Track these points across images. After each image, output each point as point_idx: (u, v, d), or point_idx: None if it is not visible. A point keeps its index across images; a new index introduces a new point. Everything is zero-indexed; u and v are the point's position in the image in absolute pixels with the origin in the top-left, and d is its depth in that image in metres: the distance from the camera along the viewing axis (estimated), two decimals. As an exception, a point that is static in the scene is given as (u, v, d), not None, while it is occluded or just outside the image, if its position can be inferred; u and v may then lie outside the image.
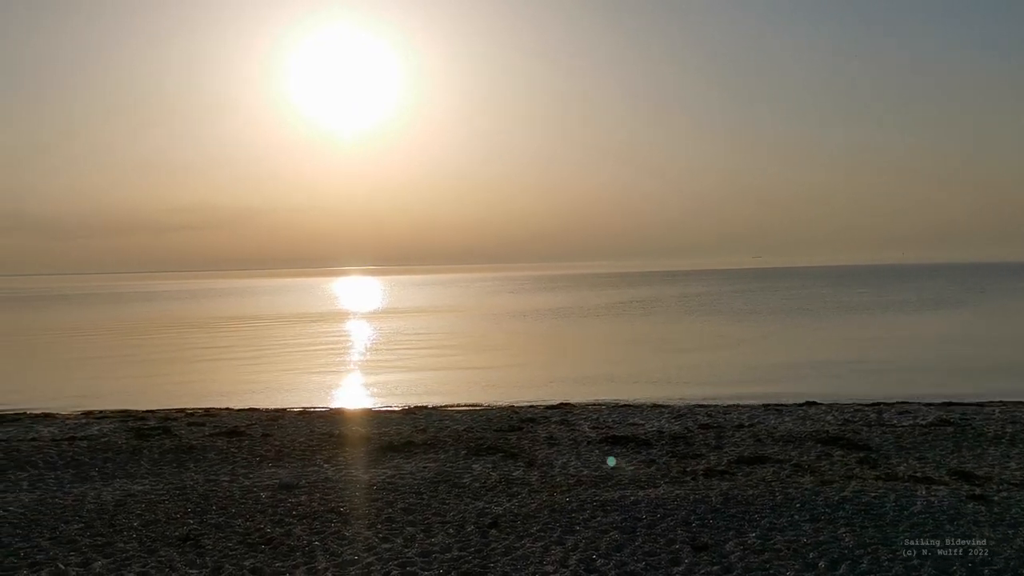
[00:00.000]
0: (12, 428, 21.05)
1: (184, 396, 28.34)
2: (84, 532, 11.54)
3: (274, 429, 19.93)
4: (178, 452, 17.15)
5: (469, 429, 19.19)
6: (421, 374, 33.64)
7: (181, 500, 13.19)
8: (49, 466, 16.08)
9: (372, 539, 10.95)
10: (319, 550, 10.55)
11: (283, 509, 12.50)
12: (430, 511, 12.20)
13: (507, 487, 13.56)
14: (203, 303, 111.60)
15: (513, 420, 20.41)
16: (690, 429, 18.59)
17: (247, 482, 14.38)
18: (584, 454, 16.09)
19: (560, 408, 22.74)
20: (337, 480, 14.35)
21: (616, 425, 19.41)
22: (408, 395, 27.61)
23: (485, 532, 11.11)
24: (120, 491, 13.93)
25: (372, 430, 19.38)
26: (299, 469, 15.41)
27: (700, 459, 15.43)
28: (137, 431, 19.84)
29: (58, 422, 22.14)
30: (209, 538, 11.15)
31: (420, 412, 22.74)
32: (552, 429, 18.96)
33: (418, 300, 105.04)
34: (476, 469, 14.93)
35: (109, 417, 22.97)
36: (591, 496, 12.75)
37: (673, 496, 12.60)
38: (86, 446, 17.97)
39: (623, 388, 28.03)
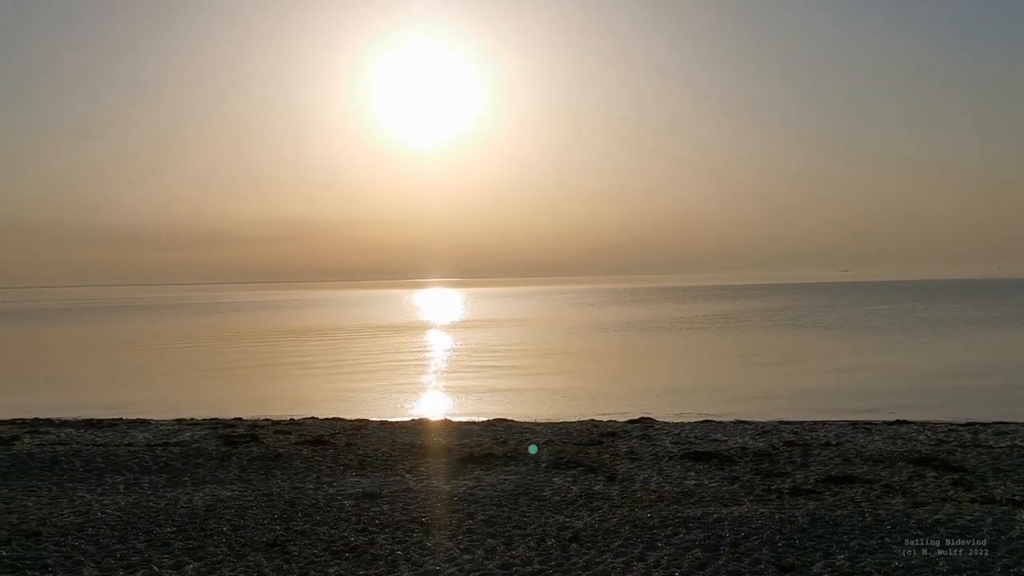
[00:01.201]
0: (109, 433, 21.88)
1: (270, 405, 29.04)
2: (177, 535, 11.91)
3: (357, 438, 20.25)
4: (265, 459, 17.56)
5: (549, 442, 19.16)
6: (501, 386, 33.77)
7: (268, 506, 13.50)
8: (144, 470, 16.65)
9: (453, 550, 11.02)
10: (401, 559, 10.66)
11: (366, 518, 12.68)
12: (511, 523, 12.22)
13: (588, 501, 13.49)
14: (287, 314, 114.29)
15: (593, 434, 20.31)
16: (775, 446, 18.20)
17: (331, 490, 14.63)
18: (666, 469, 15.91)
19: (641, 422, 22.54)
20: (419, 490, 14.50)
21: (698, 441, 19.14)
22: (488, 407, 27.75)
23: (566, 546, 11.07)
24: (210, 496, 14.33)
25: (453, 441, 19.52)
26: (381, 478, 15.61)
27: (785, 477, 15.09)
28: (226, 438, 20.39)
29: (152, 428, 22.92)
30: (295, 544, 11.38)
31: (500, 424, 22.81)
32: (633, 443, 18.81)
33: (498, 312, 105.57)
34: (556, 482, 14.90)
35: (200, 424, 23.68)
36: (673, 512, 12.60)
37: (757, 515, 12.35)
38: (178, 452, 18.55)
39: (705, 403, 27.65)
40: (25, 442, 20.43)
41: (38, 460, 17.73)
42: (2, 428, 23.11)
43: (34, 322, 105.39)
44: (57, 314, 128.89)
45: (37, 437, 21.25)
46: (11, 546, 11.45)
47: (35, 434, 21.79)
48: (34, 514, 13.27)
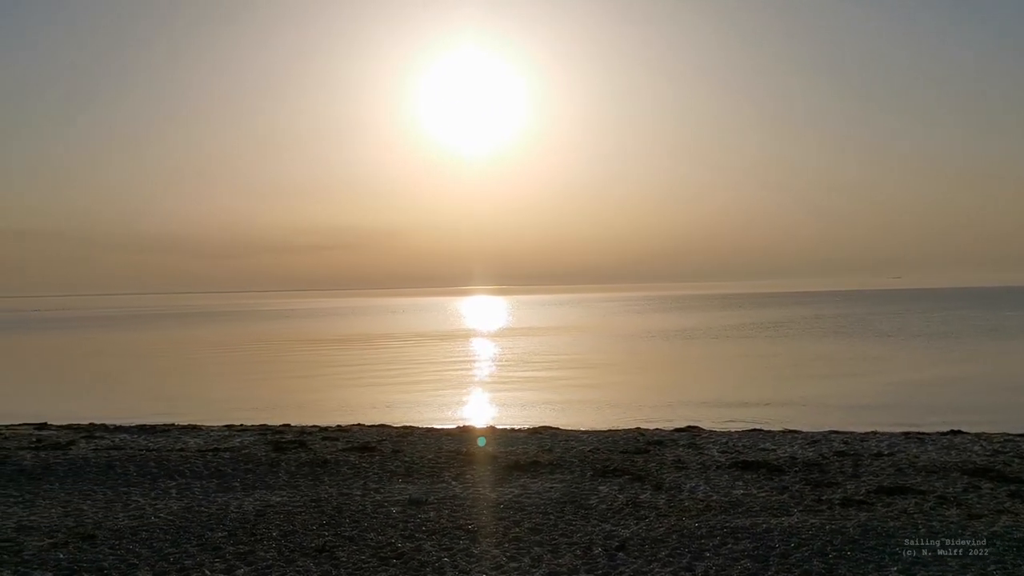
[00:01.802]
0: (162, 439, 22.29)
1: (318, 411, 29.35)
2: (228, 540, 12.09)
3: (403, 445, 20.37)
4: (313, 465, 17.75)
5: (595, 450, 19.10)
6: (546, 394, 33.75)
7: (316, 512, 13.65)
8: (195, 475, 16.92)
9: (500, 557, 11.03)
10: (448, 566, 10.70)
11: (413, 524, 12.75)
12: (557, 531, 12.20)
13: (634, 510, 13.42)
14: (334, 321, 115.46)
15: (640, 442, 20.19)
16: (825, 456, 17.93)
17: (378, 496, 14.74)
18: (713, 479, 15.76)
19: (688, 431, 22.35)
20: (465, 497, 14.54)
21: (746, 450, 18.93)
22: (533, 415, 27.74)
23: (612, 555, 11.02)
24: (260, 501, 14.53)
25: (498, 449, 19.55)
26: (428, 485, 15.69)
27: (836, 488, 14.86)
28: (275, 444, 20.65)
29: (203, 433, 23.29)
30: (343, 550, 11.48)
31: (546, 432, 22.78)
32: (680, 452, 18.67)
33: (543, 319, 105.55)
34: (602, 491, 14.84)
35: (249, 430, 24.00)
36: (721, 522, 12.48)
37: (807, 525, 12.18)
38: (228, 457, 18.82)
39: (754, 412, 27.35)
40: (81, 447, 20.90)
41: (93, 465, 18.12)
42: (59, 433, 23.66)
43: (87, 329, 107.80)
44: (109, 321, 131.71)
45: (92, 442, 21.72)
46: (68, 549, 11.72)
47: (90, 439, 22.28)
48: (90, 517, 13.57)
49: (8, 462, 18.48)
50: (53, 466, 18.03)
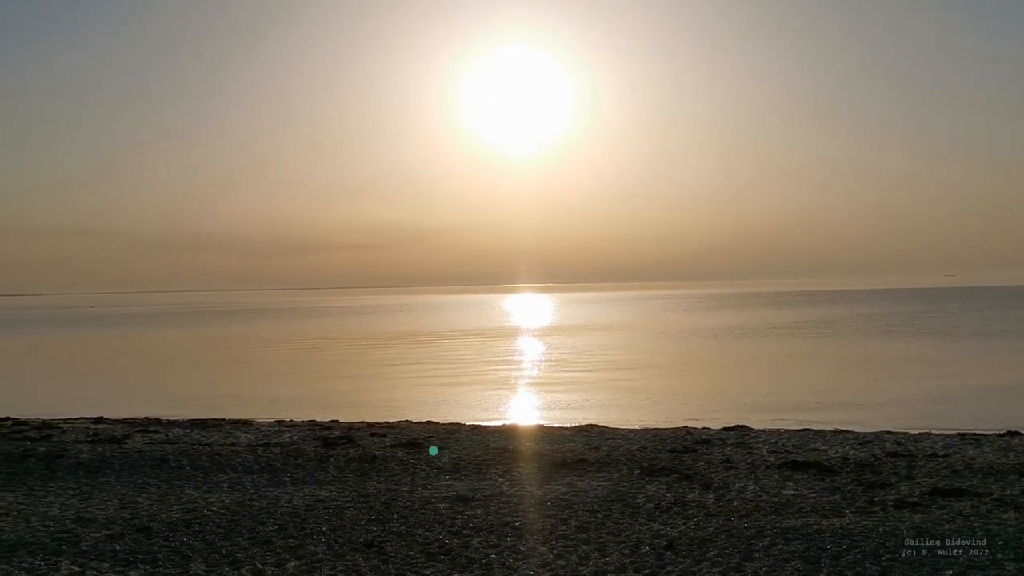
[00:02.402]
0: (214, 433, 22.66)
1: (366, 407, 29.60)
2: (278, 534, 12.26)
3: (450, 442, 20.46)
4: (361, 461, 17.91)
5: (642, 449, 19.00)
6: (593, 392, 33.66)
7: (365, 507, 13.77)
8: (246, 470, 17.18)
9: (547, 555, 11.03)
10: (496, 563, 10.73)
11: (460, 521, 12.80)
12: (604, 530, 12.17)
13: (682, 509, 13.33)
14: (381, 318, 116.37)
15: (688, 441, 20.05)
16: (878, 457, 17.62)
17: (426, 493, 14.83)
18: (763, 479, 15.58)
19: (737, 430, 22.13)
20: (512, 495, 14.56)
21: (796, 450, 18.68)
22: (580, 412, 27.68)
23: (661, 554, 10.95)
24: (310, 496, 14.70)
25: (545, 446, 19.54)
26: (475, 482, 15.74)
27: (889, 489, 14.60)
28: (324, 440, 20.87)
29: (253, 429, 23.64)
30: (392, 545, 11.57)
31: (592, 430, 22.72)
32: (728, 452, 18.49)
33: (590, 317, 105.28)
34: (650, 490, 14.76)
35: (298, 425, 24.32)
36: (771, 523, 12.33)
37: (860, 527, 11.98)
38: (278, 452, 19.08)
39: (804, 412, 26.97)
40: (136, 441, 21.34)
41: (148, 458, 18.50)
42: (115, 427, 24.19)
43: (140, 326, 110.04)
44: (161, 318, 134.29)
45: (147, 436, 22.17)
46: (124, 540, 11.97)
47: (145, 433, 22.74)
48: (145, 510, 13.85)
49: (66, 455, 18.95)
50: (109, 459, 18.44)
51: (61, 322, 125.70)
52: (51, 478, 16.63)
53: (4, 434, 23.02)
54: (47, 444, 20.82)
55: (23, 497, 14.95)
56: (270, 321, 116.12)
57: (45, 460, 18.43)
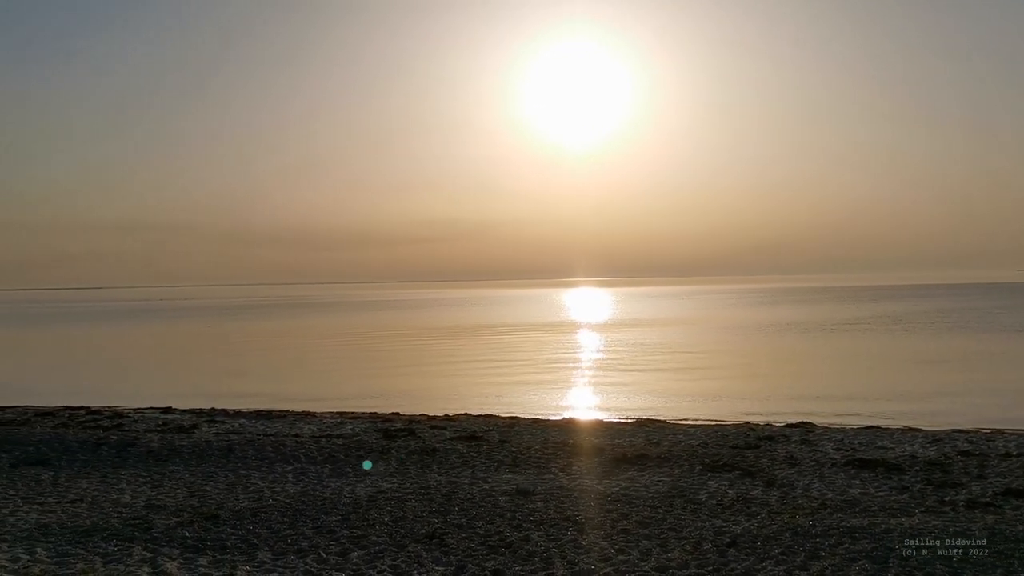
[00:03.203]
0: (278, 424, 23.07)
1: (426, 400, 29.82)
2: (341, 524, 12.42)
3: (510, 436, 20.51)
4: (422, 454, 18.06)
5: (704, 445, 18.81)
6: (653, 387, 33.41)
7: (426, 499, 13.88)
8: (310, 460, 17.45)
9: (608, 550, 10.98)
10: (556, 557, 10.72)
11: (520, 514, 12.82)
12: (665, 525, 12.07)
13: (745, 506, 13.16)
14: (439, 313, 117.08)
15: (750, 437, 19.78)
16: (948, 455, 17.17)
17: (486, 486, 14.89)
18: (828, 476, 15.30)
19: (800, 427, 21.77)
20: (572, 489, 14.54)
21: (863, 448, 18.30)
22: (640, 407, 27.50)
23: (723, 551, 10.82)
24: (371, 487, 14.87)
25: (605, 441, 19.47)
26: (535, 476, 15.75)
27: (960, 488, 14.21)
28: (385, 432, 21.09)
29: (316, 420, 23.99)
30: (453, 537, 11.64)
31: (653, 425, 22.58)
32: (792, 448, 18.20)
33: (649, 312, 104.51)
34: (712, 486, 14.61)
35: (360, 418, 24.61)
36: (837, 521, 12.10)
37: (930, 527, 11.69)
38: (341, 444, 19.34)
39: (870, 408, 26.40)
40: (203, 431, 21.84)
41: (215, 448, 18.91)
42: (183, 417, 24.79)
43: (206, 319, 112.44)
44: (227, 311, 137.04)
45: (214, 426, 22.67)
46: (193, 527, 12.26)
47: (212, 423, 23.26)
48: (213, 498, 14.16)
49: (137, 444, 19.48)
50: (178, 448, 18.90)
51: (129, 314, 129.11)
52: (123, 466, 17.11)
53: (79, 423, 23.76)
54: (119, 433, 21.43)
55: (97, 484, 15.41)
56: (330, 315, 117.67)
57: (117, 448, 18.97)
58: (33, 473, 16.39)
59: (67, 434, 21.20)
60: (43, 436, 20.86)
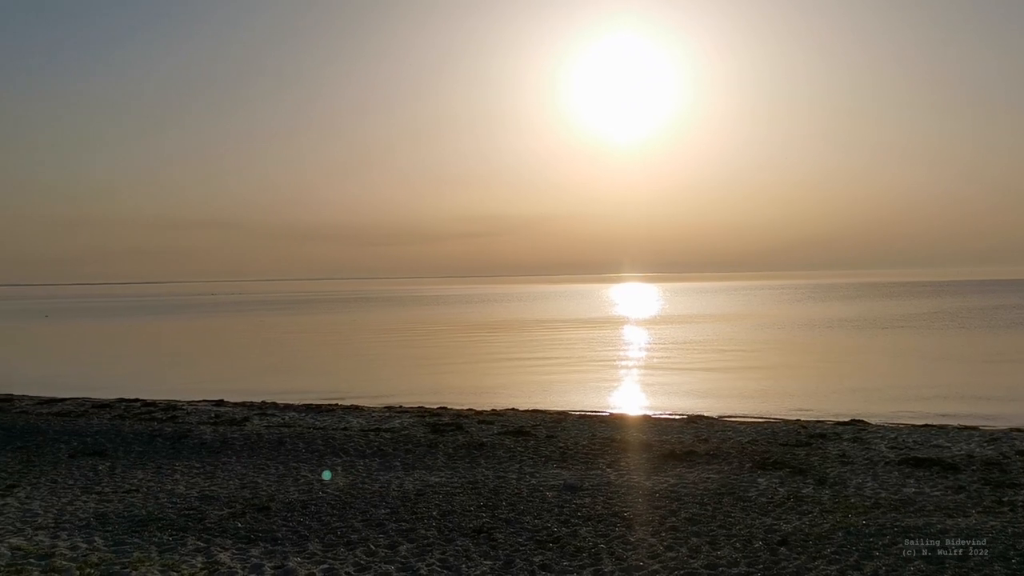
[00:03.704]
0: (328, 418, 23.32)
1: (473, 395, 29.92)
2: (390, 517, 12.52)
3: (557, 431, 20.50)
4: (470, 448, 18.12)
5: (753, 442, 18.61)
6: (701, 383, 33.13)
7: (474, 494, 13.92)
8: (359, 454, 17.62)
9: (656, 546, 10.92)
10: (604, 553, 10.68)
11: (568, 510, 12.80)
12: (715, 523, 11.96)
13: (796, 504, 12.98)
14: (487, 308, 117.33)
15: (801, 435, 19.53)
16: (1006, 455, 16.77)
17: (534, 481, 14.89)
18: (881, 475, 15.03)
19: (853, 424, 21.43)
20: (620, 485, 14.48)
21: (917, 446, 17.96)
22: (688, 404, 27.29)
23: (774, 549, 10.69)
24: (420, 481, 14.96)
25: (652, 437, 19.37)
26: (582, 471, 15.72)
27: (1019, 489, 13.87)
28: (433, 426, 21.22)
29: (365, 414, 24.21)
30: (501, 532, 11.67)
31: (701, 422, 22.40)
32: (844, 446, 17.92)
33: (696, 307, 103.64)
34: (762, 483, 14.44)
35: (408, 412, 24.78)
36: (891, 521, 11.88)
37: (987, 528, 11.43)
38: (389, 437, 19.50)
39: (926, 406, 25.88)
40: (254, 423, 22.16)
41: (266, 441, 19.18)
42: (234, 410, 25.18)
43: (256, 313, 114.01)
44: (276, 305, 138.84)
45: (265, 419, 23.00)
46: (245, 519, 12.45)
47: (263, 416, 23.59)
48: (264, 490, 14.36)
49: (190, 436, 19.84)
50: (230, 441, 19.21)
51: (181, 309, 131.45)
52: (177, 457, 17.44)
53: (134, 415, 24.28)
54: (173, 425, 21.85)
55: (152, 475, 15.73)
56: (378, 309, 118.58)
57: (171, 440, 19.34)
58: (91, 463, 16.78)
59: (123, 426, 21.68)
60: (100, 427, 21.35)
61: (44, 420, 22.80)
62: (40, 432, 20.50)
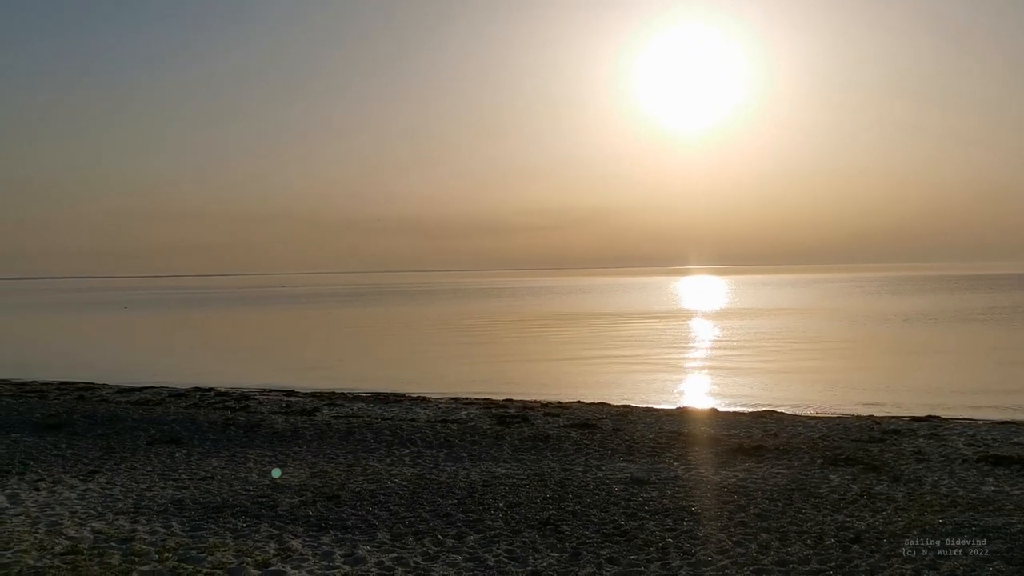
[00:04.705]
0: (395, 408, 23.62)
1: (538, 387, 29.97)
2: (457, 508, 12.63)
3: (624, 424, 20.42)
4: (536, 440, 18.16)
5: (824, 437, 18.28)
6: (770, 377, 32.63)
7: (540, 486, 13.95)
8: (426, 444, 17.80)
9: (725, 542, 10.80)
10: (672, 547, 10.61)
11: (635, 503, 12.74)
12: (785, 519, 11.79)
13: (869, 501, 12.71)
14: (552, 300, 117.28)
15: (874, 431, 19.11)
16: (1092, 454, 16.15)
17: (600, 474, 14.86)
18: (958, 473, 14.62)
19: (928, 420, 20.89)
20: (687, 479, 14.36)
21: (997, 443, 17.42)
22: (757, 398, 26.92)
23: (847, 547, 10.49)
24: (486, 472, 15.05)
25: (720, 431, 19.16)
26: (649, 465, 15.63)
27: (1106, 490, 13.35)
28: (499, 418, 21.32)
29: (432, 405, 24.45)
30: (567, 524, 11.67)
31: (770, 416, 22.07)
32: (919, 443, 17.48)
33: (765, 300, 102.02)
34: (834, 480, 14.17)
35: (474, 403, 24.94)
36: (969, 520, 11.55)
37: (1072, 529, 11.02)
38: (456, 429, 19.65)
39: (1005, 402, 25.09)
40: (324, 413, 22.55)
41: (336, 430, 19.51)
42: (304, 400, 25.66)
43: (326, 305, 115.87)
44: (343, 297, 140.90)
45: (334, 409, 23.39)
46: (315, 507, 12.68)
47: (332, 406, 24.00)
48: (334, 479, 14.61)
49: (263, 425, 20.28)
50: (301, 430, 19.58)
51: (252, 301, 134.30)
52: (250, 445, 17.84)
53: (209, 404, 24.92)
54: (246, 414, 22.36)
55: (226, 462, 16.12)
56: (442, 302, 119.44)
57: (244, 429, 19.80)
58: (168, 451, 17.28)
59: (198, 414, 22.27)
60: (176, 416, 21.97)
61: (123, 408, 23.54)
62: (120, 420, 21.18)
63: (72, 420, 21.10)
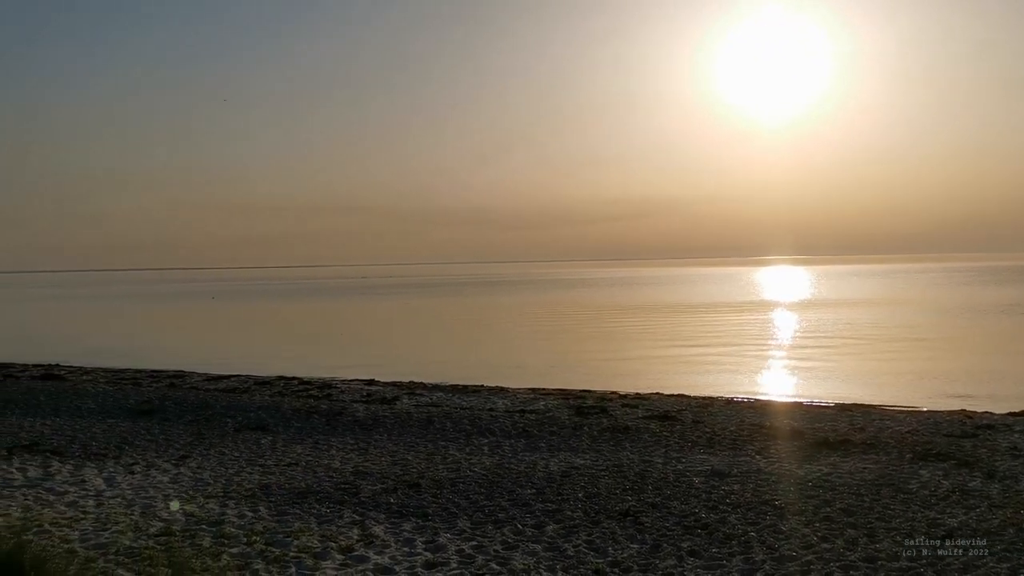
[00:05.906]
0: (473, 398, 23.79)
1: (617, 378, 29.79)
2: (536, 497, 12.66)
3: (704, 416, 20.17)
4: (614, 431, 18.08)
5: (914, 432, 17.73)
6: (855, 369, 31.82)
7: (619, 477, 13.89)
8: (504, 434, 17.89)
9: (810, 537, 10.58)
10: (755, 541, 10.45)
11: (716, 496, 12.58)
12: (873, 515, 11.48)
13: (962, 498, 12.29)
14: (632, 290, 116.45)
15: (966, 425, 18.46)
16: None
17: (680, 466, 14.71)
18: (1058, 470, 14.01)
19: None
20: (769, 472, 14.11)
21: (1099, 440, 16.64)
22: (841, 390, 26.27)
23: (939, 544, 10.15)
24: (564, 463, 15.05)
25: (804, 424, 18.76)
26: (730, 458, 15.41)
27: None
28: (577, 409, 21.28)
29: (510, 395, 24.54)
30: (647, 516, 11.59)
31: (856, 410, 21.52)
32: (1015, 439, 16.82)
33: (848, 291, 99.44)
34: (924, 475, 13.75)
35: (551, 394, 24.94)
36: (1069, 519, 11.07)
37: None
38: (534, 419, 19.69)
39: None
40: (404, 403, 22.85)
41: (415, 420, 19.75)
42: (385, 389, 26.03)
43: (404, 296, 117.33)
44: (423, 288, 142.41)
45: (414, 399, 23.68)
46: (396, 495, 12.87)
47: (412, 396, 24.29)
48: (414, 467, 14.80)
49: (345, 413, 20.66)
50: (381, 419, 19.89)
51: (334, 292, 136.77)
52: (332, 433, 18.20)
53: (293, 392, 25.50)
54: (328, 403, 22.81)
55: (310, 450, 16.48)
56: (519, 292, 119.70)
57: (327, 417, 20.20)
58: (254, 437, 17.75)
59: (283, 402, 22.80)
60: (262, 403, 22.54)
61: (212, 396, 24.26)
62: (209, 407, 21.83)
63: (164, 406, 21.85)
